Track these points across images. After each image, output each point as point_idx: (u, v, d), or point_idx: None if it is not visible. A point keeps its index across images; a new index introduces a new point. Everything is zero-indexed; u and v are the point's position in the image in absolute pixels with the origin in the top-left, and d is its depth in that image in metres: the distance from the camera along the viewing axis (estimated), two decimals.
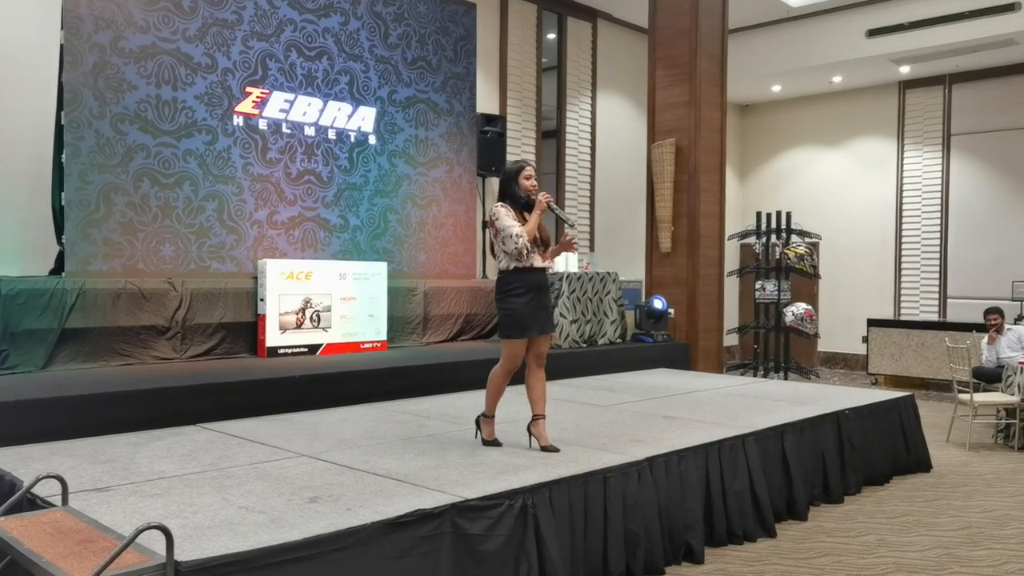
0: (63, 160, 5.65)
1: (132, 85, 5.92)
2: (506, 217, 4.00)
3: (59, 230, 5.77)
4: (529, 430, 4.10)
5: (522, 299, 3.99)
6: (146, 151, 5.99)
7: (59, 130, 5.73)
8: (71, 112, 5.65)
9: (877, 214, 11.84)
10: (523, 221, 4.03)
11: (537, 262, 4.06)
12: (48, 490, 2.92)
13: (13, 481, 3.30)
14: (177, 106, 6.15)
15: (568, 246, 4.07)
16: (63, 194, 5.65)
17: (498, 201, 4.10)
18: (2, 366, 5.08)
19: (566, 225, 4.12)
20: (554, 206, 4.15)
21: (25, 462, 3.58)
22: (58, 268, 5.78)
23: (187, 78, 6.20)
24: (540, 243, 4.07)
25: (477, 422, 4.22)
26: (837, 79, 11.51)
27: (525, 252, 3.97)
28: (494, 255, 4.13)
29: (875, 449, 5.38)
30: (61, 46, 5.69)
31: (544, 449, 3.99)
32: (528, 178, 4.07)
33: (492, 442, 4.11)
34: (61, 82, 5.70)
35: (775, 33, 10.93)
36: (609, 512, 3.56)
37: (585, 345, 7.45)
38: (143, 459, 3.74)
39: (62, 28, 5.66)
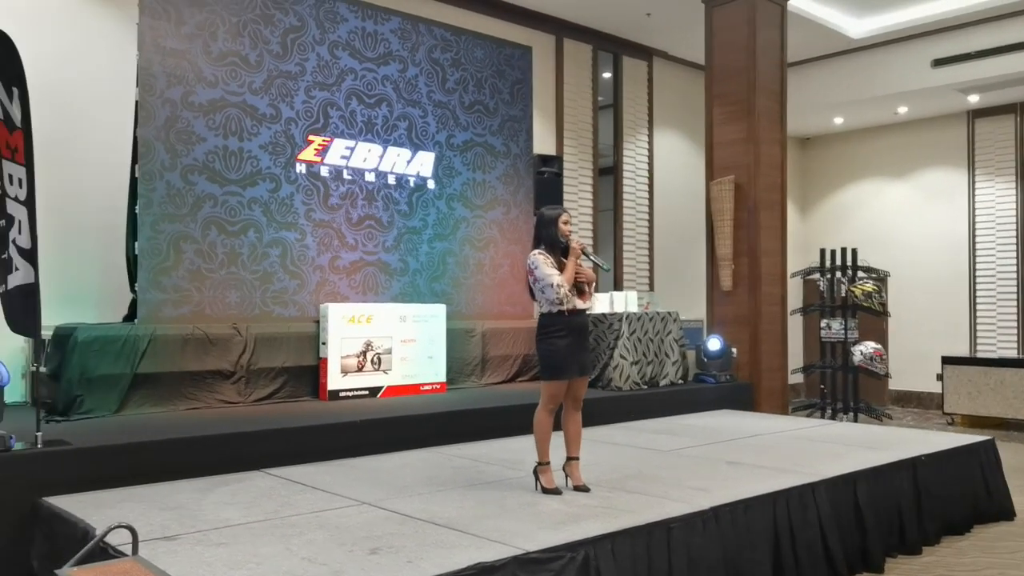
0: (137, 211, 5.86)
1: (201, 137, 6.13)
2: (545, 265, 4.09)
3: (132, 278, 5.97)
4: (564, 470, 4.17)
5: (563, 341, 4.06)
6: (213, 200, 6.18)
7: (133, 182, 5.96)
8: (144, 165, 5.87)
9: (948, 247, 11.49)
10: (559, 266, 4.11)
11: (578, 304, 4.12)
12: (119, 539, 2.98)
13: (86, 529, 3.38)
14: (243, 156, 6.34)
15: (575, 251, 4.11)
16: (136, 243, 5.85)
17: (534, 247, 4.21)
18: (78, 411, 5.24)
19: (602, 269, 4.22)
20: (588, 251, 4.25)
21: (98, 508, 3.67)
22: (131, 315, 5.98)
23: (252, 128, 6.40)
24: (579, 285, 4.14)
25: (535, 473, 4.17)
26: (902, 110, 11.29)
27: (566, 299, 4.06)
28: (534, 299, 4.21)
29: (954, 496, 5.15)
30: (136, 102, 5.93)
31: (577, 489, 4.09)
32: (566, 223, 4.19)
33: (553, 490, 4.06)
34: (135, 136, 5.94)
35: (836, 65, 10.79)
36: (674, 564, 3.47)
37: (646, 387, 7.35)
38: (208, 506, 3.80)
39: (137, 85, 5.90)
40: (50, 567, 3.15)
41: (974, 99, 10.66)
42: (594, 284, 4.27)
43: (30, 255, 4.16)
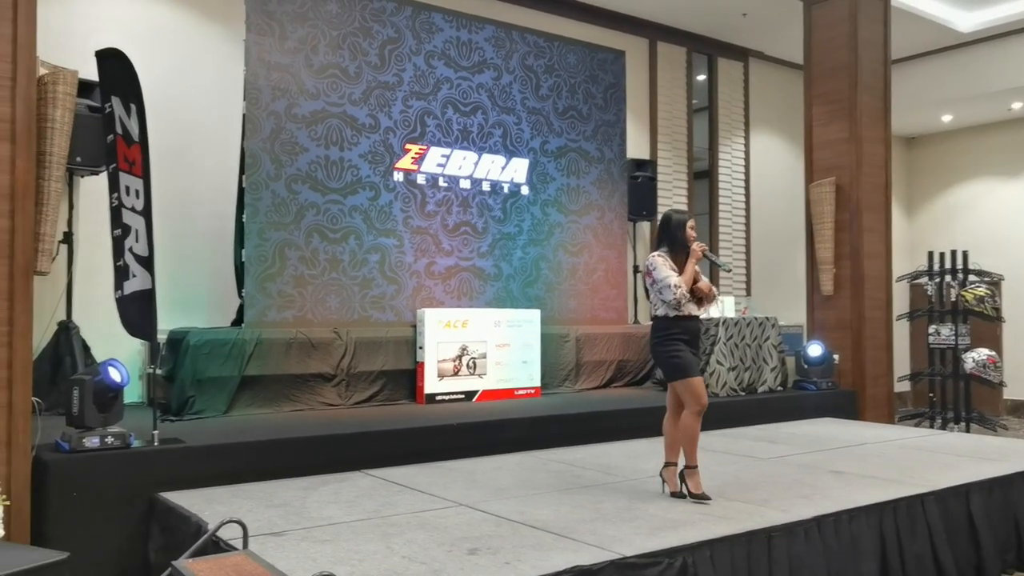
0: (244, 219, 6.12)
1: (304, 148, 6.35)
2: (663, 267, 4.07)
3: (240, 284, 6.23)
4: (680, 476, 4.06)
5: (683, 343, 4.06)
6: (316, 208, 6.39)
7: (240, 192, 6.23)
8: (251, 175, 6.12)
9: None
10: (678, 269, 4.08)
11: (693, 310, 4.10)
12: (230, 533, 3.11)
13: (199, 523, 3.55)
14: (344, 165, 6.54)
15: (695, 253, 4.07)
16: (243, 251, 6.11)
17: (655, 249, 4.19)
18: (190, 411, 5.50)
19: (722, 270, 4.19)
20: (709, 254, 4.23)
21: (209, 504, 3.85)
22: (239, 319, 6.24)
23: (352, 138, 6.59)
24: (697, 295, 4.11)
25: (681, 477, 4.07)
26: (1017, 106, 10.71)
27: (684, 301, 4.03)
28: (650, 300, 4.19)
29: None
30: (243, 115, 6.20)
31: (674, 495, 4.04)
32: (692, 228, 4.18)
33: (701, 496, 3.97)
34: (243, 148, 6.21)
35: (944, 60, 10.33)
36: (774, 574, 3.40)
37: (744, 393, 7.20)
38: (312, 504, 3.93)
39: (244, 99, 6.17)
40: (166, 559, 3.31)
41: None
42: (713, 300, 4.22)
43: (147, 262, 4.39)
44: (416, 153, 6.90)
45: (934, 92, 10.51)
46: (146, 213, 4.37)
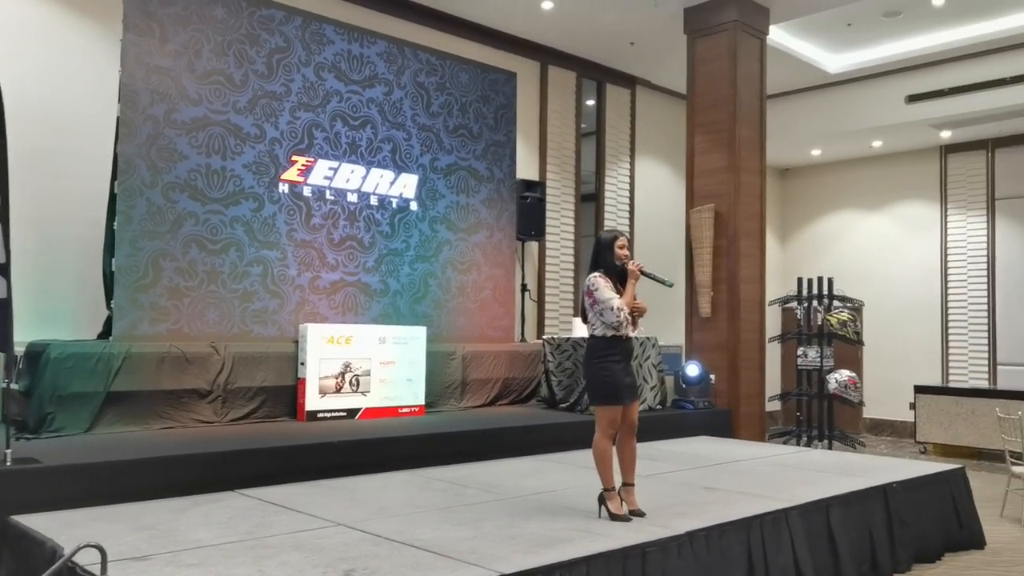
0: (115, 227, 5.83)
1: (183, 155, 6.12)
2: (605, 289, 4.10)
3: (109, 295, 5.92)
4: (620, 495, 4.09)
5: (618, 366, 4.09)
6: (195, 218, 6.17)
7: (112, 198, 5.94)
8: (124, 181, 5.85)
9: (922, 278, 11.66)
10: (618, 290, 4.12)
11: (629, 331, 4.15)
12: (88, 558, 2.94)
13: (55, 548, 3.33)
14: (226, 175, 6.34)
15: (634, 274, 4.12)
16: (114, 260, 5.82)
17: (592, 271, 4.20)
18: (48, 429, 5.17)
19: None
20: (647, 271, 4.23)
21: (68, 528, 3.61)
22: (106, 332, 5.93)
23: (236, 148, 6.40)
24: (633, 316, 4.15)
25: (600, 500, 4.08)
26: (877, 143, 11.49)
27: (625, 323, 4.06)
28: (585, 321, 4.21)
29: (926, 524, 5.20)
30: (117, 118, 5.92)
31: (633, 514, 4.03)
32: (622, 247, 4.19)
33: (622, 517, 3.98)
34: (116, 152, 5.92)
35: (814, 98, 10.98)
36: None
37: None
38: (182, 526, 3.75)
39: (119, 101, 5.90)
40: None
41: (947, 135, 10.87)
42: (645, 315, 4.25)
43: (3, 270, 4.12)
44: (303, 165, 6.77)
45: (805, 127, 11.14)
46: (2, 218, 4.10)
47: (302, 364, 6.35)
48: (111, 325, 5.83)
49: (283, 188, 6.65)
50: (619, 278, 4.17)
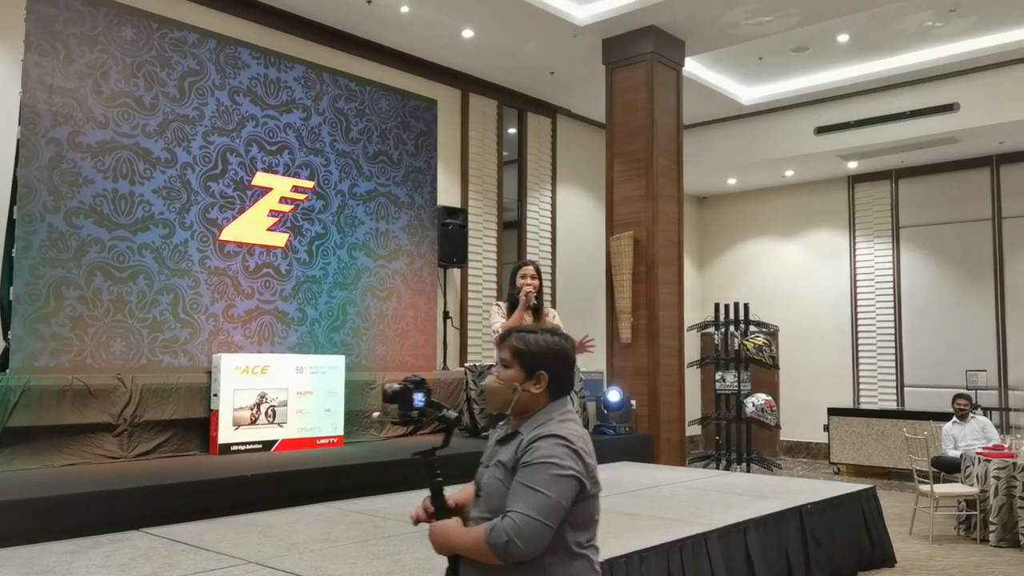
0: (13, 254, 5.55)
1: (88, 179, 5.89)
2: (495, 315, 4.33)
3: (5, 325, 5.62)
4: None
5: None
6: (100, 245, 5.92)
7: (11, 224, 5.66)
8: (24, 206, 5.59)
9: (833, 304, 12.06)
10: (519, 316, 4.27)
11: None
12: None
13: None
14: (134, 200, 6.13)
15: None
16: (11, 288, 5.53)
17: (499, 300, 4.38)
18: None
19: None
20: (534, 301, 4.41)
21: None
22: (2, 364, 5.61)
23: (145, 172, 6.20)
24: None
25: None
26: (789, 173, 11.89)
27: None
28: None
29: (840, 544, 5.31)
30: (17, 140, 5.67)
31: None
32: (523, 276, 4.34)
33: None
34: (15, 176, 5.66)
35: (729, 129, 11.31)
36: None
37: None
38: (79, 569, 3.55)
39: (19, 123, 5.65)
40: None
41: (853, 165, 11.34)
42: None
43: None
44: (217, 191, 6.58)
45: (721, 157, 11.46)
46: None
47: (215, 395, 6.13)
48: (7, 357, 5.53)
49: (195, 214, 6.45)
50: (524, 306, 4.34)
